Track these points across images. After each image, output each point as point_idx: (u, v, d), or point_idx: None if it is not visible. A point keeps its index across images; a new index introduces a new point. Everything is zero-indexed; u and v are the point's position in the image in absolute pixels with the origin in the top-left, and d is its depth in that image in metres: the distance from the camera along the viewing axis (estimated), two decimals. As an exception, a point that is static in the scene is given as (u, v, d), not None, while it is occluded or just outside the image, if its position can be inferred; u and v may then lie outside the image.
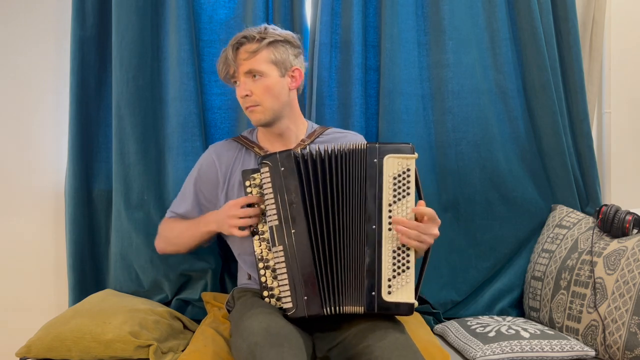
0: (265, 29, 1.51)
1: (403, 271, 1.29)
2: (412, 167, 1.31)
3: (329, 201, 1.33)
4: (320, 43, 1.84)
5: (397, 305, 1.28)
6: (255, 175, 1.39)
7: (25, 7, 1.98)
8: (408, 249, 1.30)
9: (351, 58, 1.85)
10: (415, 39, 1.90)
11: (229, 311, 1.54)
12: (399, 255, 1.30)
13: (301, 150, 1.38)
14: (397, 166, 1.31)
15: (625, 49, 2.10)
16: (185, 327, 1.69)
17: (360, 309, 1.30)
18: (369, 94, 1.93)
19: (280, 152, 1.36)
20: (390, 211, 1.30)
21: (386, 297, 1.28)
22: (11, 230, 1.99)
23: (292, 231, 1.32)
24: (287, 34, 1.54)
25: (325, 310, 1.30)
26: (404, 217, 1.29)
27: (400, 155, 1.31)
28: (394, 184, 1.30)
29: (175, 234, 1.59)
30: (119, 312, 1.56)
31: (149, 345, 1.47)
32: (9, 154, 1.99)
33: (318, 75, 1.85)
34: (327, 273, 1.32)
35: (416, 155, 1.32)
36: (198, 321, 1.71)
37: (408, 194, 1.30)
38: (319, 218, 1.33)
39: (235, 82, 1.53)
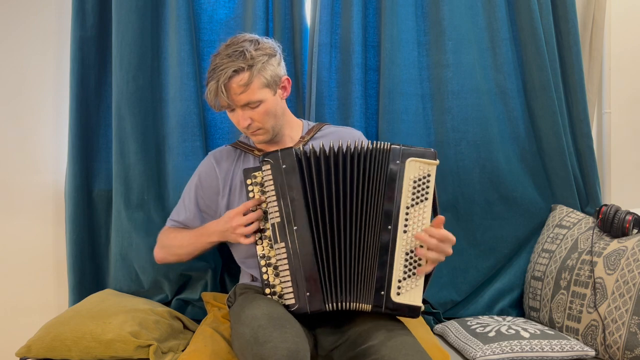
0: (249, 53, 1.41)
1: (413, 274, 1.30)
2: (433, 173, 1.32)
3: (334, 198, 1.34)
4: (320, 43, 1.84)
5: (405, 307, 1.29)
6: (256, 174, 1.39)
7: (26, 8, 1.98)
8: None
9: (351, 58, 1.85)
10: (415, 39, 1.90)
11: (229, 306, 1.54)
12: (410, 258, 1.31)
13: (303, 148, 1.38)
14: (418, 170, 1.32)
15: (625, 49, 2.10)
16: (185, 327, 1.69)
17: (367, 307, 1.31)
18: (369, 94, 1.93)
19: (281, 150, 1.36)
20: (407, 214, 1.31)
21: (395, 298, 1.29)
22: (11, 230, 1.99)
23: (294, 228, 1.32)
24: (268, 46, 1.46)
25: (327, 306, 1.31)
26: (420, 221, 1.31)
27: (422, 160, 1.32)
28: (414, 187, 1.31)
29: (177, 243, 1.57)
30: (119, 312, 1.56)
31: (149, 345, 1.47)
32: (9, 154, 1.99)
33: (318, 76, 1.85)
34: (331, 269, 1.32)
35: (437, 161, 1.33)
36: (198, 321, 1.71)
37: (426, 199, 1.32)
38: (321, 215, 1.33)
39: (231, 110, 1.47)
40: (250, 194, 1.39)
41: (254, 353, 1.14)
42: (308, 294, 1.30)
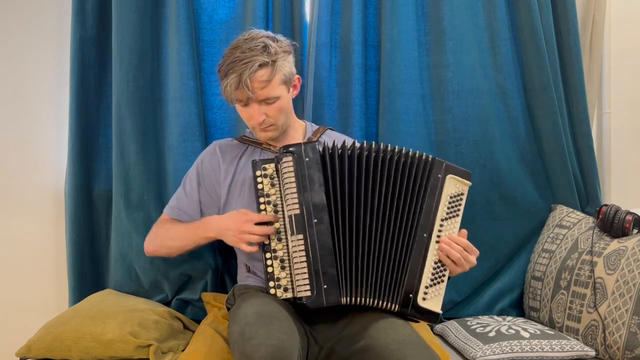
0: (273, 47, 1.42)
1: (438, 283, 1.36)
2: (465, 193, 1.41)
3: (354, 196, 1.34)
4: (320, 43, 1.84)
5: (428, 312, 1.34)
6: (266, 166, 1.39)
7: (26, 8, 1.98)
8: None
9: (351, 58, 1.85)
10: (415, 39, 1.90)
11: (228, 309, 1.53)
12: (438, 267, 1.36)
13: (326, 144, 1.38)
14: (455, 187, 1.40)
15: (625, 49, 2.10)
16: (185, 327, 1.69)
17: (394, 307, 1.33)
18: (369, 94, 1.93)
19: (304, 143, 1.37)
20: (441, 225, 1.37)
21: (421, 303, 1.34)
22: (11, 230, 1.99)
23: (314, 220, 1.32)
24: (286, 43, 1.48)
25: (343, 299, 1.31)
26: (451, 235, 1.37)
27: (460, 178, 1.40)
28: (449, 202, 1.38)
29: (171, 235, 1.55)
30: (119, 312, 1.56)
31: (149, 345, 1.47)
32: (9, 154, 1.99)
33: (318, 75, 1.85)
34: (350, 264, 1.33)
35: (470, 183, 1.41)
36: (198, 321, 1.71)
37: (458, 215, 1.40)
38: (342, 210, 1.34)
39: (245, 104, 1.47)
40: (260, 186, 1.38)
41: (239, 350, 1.15)
42: (325, 287, 1.30)
